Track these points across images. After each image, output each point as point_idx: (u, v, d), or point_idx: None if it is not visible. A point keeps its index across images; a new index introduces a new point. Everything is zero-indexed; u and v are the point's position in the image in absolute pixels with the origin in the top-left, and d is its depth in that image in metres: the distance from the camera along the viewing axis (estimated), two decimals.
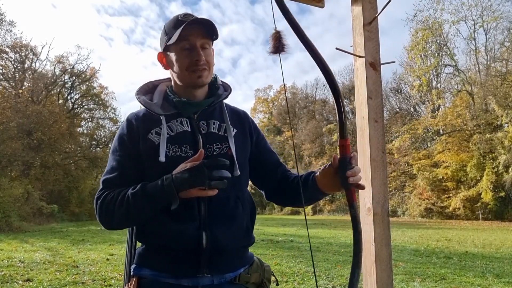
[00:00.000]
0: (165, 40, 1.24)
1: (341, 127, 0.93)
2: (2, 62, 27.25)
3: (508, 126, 24.35)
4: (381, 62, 1.50)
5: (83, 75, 31.90)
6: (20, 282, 5.36)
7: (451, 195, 27.29)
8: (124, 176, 1.18)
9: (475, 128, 26.92)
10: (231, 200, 1.21)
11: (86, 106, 34.18)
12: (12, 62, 27.98)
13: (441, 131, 30.40)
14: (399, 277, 5.77)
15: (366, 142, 1.45)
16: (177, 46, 1.22)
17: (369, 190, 1.41)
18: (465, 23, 30.57)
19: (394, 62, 1.79)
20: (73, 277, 5.72)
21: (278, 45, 1.08)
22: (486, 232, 15.50)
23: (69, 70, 30.97)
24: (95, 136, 35.06)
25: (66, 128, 27.40)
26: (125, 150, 1.22)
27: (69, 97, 32.94)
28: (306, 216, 1.16)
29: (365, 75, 1.47)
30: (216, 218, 1.17)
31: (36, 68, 29.43)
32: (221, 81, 1.37)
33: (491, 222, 22.94)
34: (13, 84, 27.34)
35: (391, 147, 31.28)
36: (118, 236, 12.45)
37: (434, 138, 31.00)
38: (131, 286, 1.18)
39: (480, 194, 24.80)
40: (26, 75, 28.37)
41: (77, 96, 33.27)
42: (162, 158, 1.15)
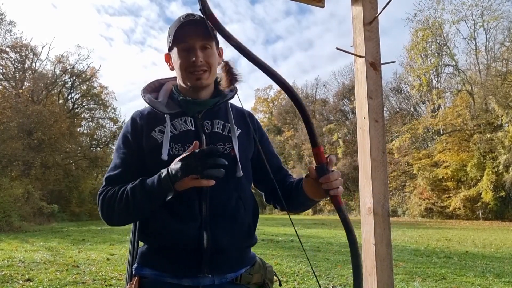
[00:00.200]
0: (168, 41, 1.25)
1: (311, 136, 0.91)
2: (3, 62, 27.27)
3: (508, 126, 24.36)
4: (382, 62, 1.50)
5: (83, 75, 31.92)
6: (21, 282, 5.36)
7: (451, 195, 27.30)
8: (127, 174, 1.19)
9: (475, 128, 26.93)
10: (233, 200, 1.20)
11: (86, 106, 34.21)
12: (12, 62, 28.00)
13: (441, 131, 30.40)
14: (400, 277, 5.78)
15: (367, 142, 1.45)
16: (177, 47, 1.23)
17: (370, 190, 1.41)
18: (465, 23, 30.65)
19: (395, 62, 1.79)
20: (74, 277, 5.72)
21: (231, 78, 1.02)
22: (487, 232, 15.51)
23: (69, 70, 30.99)
24: (96, 136, 35.08)
25: (67, 128, 27.41)
26: (129, 148, 1.23)
27: (70, 97, 32.98)
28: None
29: (366, 75, 1.47)
30: (217, 218, 1.17)
31: (36, 68, 29.45)
32: None
33: (491, 222, 22.95)
34: (14, 84, 27.34)
35: (392, 147, 31.29)
36: (119, 236, 12.46)
37: (434, 138, 31.01)
38: (133, 286, 1.18)
39: (481, 194, 24.81)
40: (27, 75, 28.38)
41: (78, 96, 33.31)
42: (165, 156, 1.15)
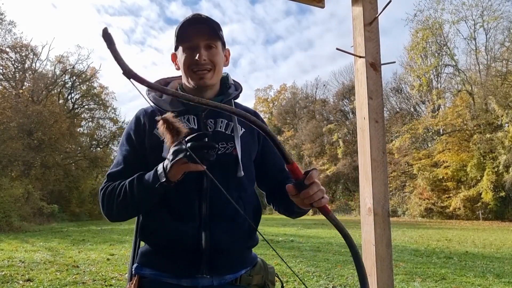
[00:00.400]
0: (174, 41, 1.27)
1: (283, 154, 0.92)
2: (3, 62, 27.26)
3: (508, 126, 24.35)
4: (382, 63, 1.51)
5: (84, 75, 31.90)
6: (21, 282, 5.36)
7: (451, 195, 27.29)
8: (129, 170, 1.19)
9: (475, 128, 26.92)
10: (233, 200, 1.19)
11: (87, 106, 34.19)
12: (13, 62, 27.98)
13: (441, 131, 30.40)
14: (400, 277, 5.77)
15: (367, 142, 1.45)
16: (182, 46, 1.24)
17: (370, 190, 1.41)
18: (465, 23, 30.69)
19: (395, 63, 1.79)
20: (74, 277, 5.72)
21: (173, 134, 0.92)
22: (487, 232, 15.51)
23: (70, 70, 30.97)
24: (96, 136, 35.07)
25: (67, 128, 27.39)
26: (131, 145, 1.24)
27: (70, 97, 32.95)
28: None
29: (366, 76, 1.47)
30: (217, 218, 1.16)
31: (37, 68, 29.43)
32: (233, 80, 1.37)
33: (492, 222, 22.95)
34: (14, 84, 27.33)
35: (392, 147, 31.30)
36: (119, 236, 12.46)
37: (434, 138, 31.00)
38: (132, 286, 1.18)
39: (481, 194, 24.80)
40: (27, 75, 28.36)
41: (78, 96, 33.28)
42: (166, 154, 1.15)
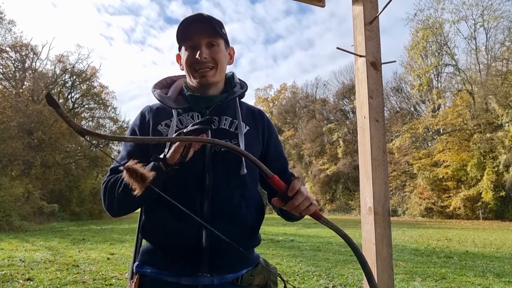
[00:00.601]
0: (177, 41, 1.28)
1: (261, 170, 0.94)
2: (3, 62, 27.24)
3: (509, 126, 24.35)
4: (382, 62, 1.50)
5: (84, 75, 31.86)
6: (21, 282, 5.36)
7: (452, 195, 27.30)
8: None
9: (476, 128, 26.92)
10: (235, 199, 1.19)
11: (87, 106, 34.15)
12: (13, 62, 27.97)
13: (442, 131, 30.40)
14: (400, 277, 5.78)
15: (367, 142, 1.45)
16: (184, 45, 1.25)
17: (370, 190, 1.41)
18: (466, 23, 30.67)
19: (395, 62, 1.79)
20: (74, 277, 5.72)
21: (138, 180, 0.88)
22: (487, 232, 15.51)
23: (70, 70, 30.92)
24: None
25: (67, 128, 27.31)
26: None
27: (70, 97, 32.90)
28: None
29: (366, 75, 1.47)
30: (218, 217, 1.16)
31: (37, 68, 29.41)
32: (239, 79, 1.38)
33: (492, 222, 22.95)
34: (14, 84, 27.32)
35: (392, 147, 31.29)
36: (119, 236, 12.46)
37: (435, 138, 31.01)
38: (133, 284, 1.18)
39: (481, 194, 24.81)
40: (27, 75, 28.35)
41: (78, 96, 33.23)
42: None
